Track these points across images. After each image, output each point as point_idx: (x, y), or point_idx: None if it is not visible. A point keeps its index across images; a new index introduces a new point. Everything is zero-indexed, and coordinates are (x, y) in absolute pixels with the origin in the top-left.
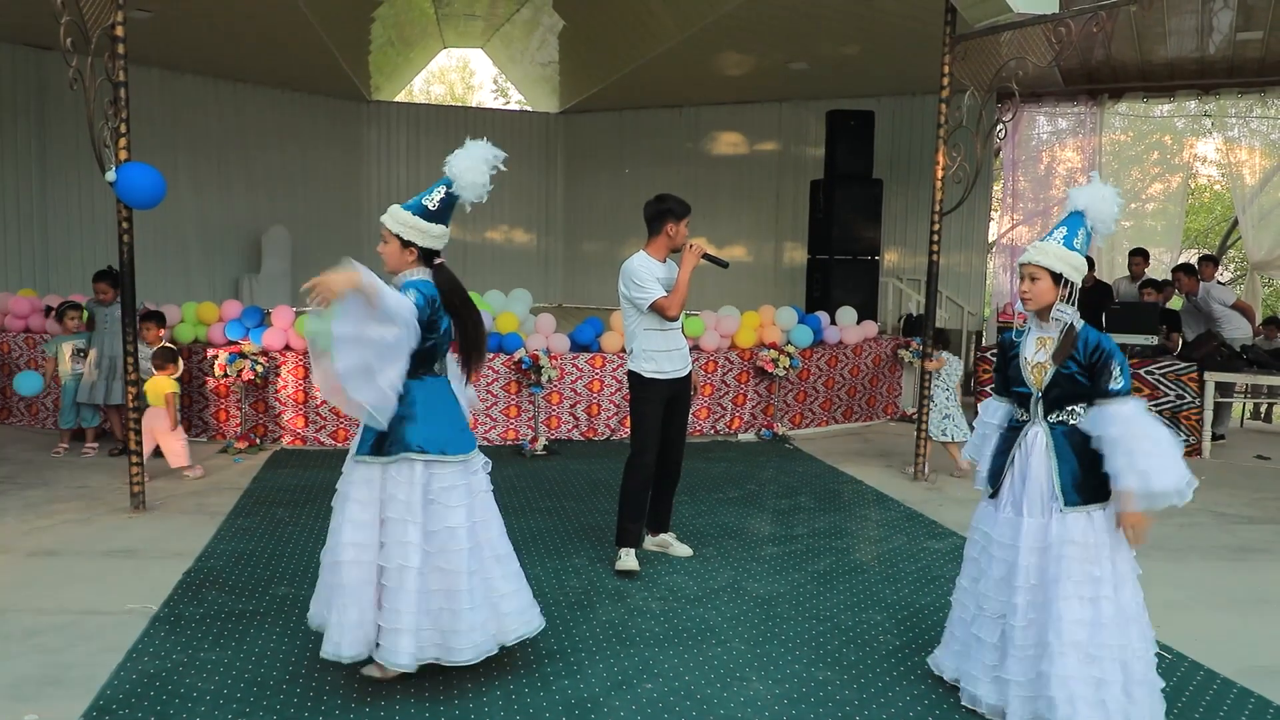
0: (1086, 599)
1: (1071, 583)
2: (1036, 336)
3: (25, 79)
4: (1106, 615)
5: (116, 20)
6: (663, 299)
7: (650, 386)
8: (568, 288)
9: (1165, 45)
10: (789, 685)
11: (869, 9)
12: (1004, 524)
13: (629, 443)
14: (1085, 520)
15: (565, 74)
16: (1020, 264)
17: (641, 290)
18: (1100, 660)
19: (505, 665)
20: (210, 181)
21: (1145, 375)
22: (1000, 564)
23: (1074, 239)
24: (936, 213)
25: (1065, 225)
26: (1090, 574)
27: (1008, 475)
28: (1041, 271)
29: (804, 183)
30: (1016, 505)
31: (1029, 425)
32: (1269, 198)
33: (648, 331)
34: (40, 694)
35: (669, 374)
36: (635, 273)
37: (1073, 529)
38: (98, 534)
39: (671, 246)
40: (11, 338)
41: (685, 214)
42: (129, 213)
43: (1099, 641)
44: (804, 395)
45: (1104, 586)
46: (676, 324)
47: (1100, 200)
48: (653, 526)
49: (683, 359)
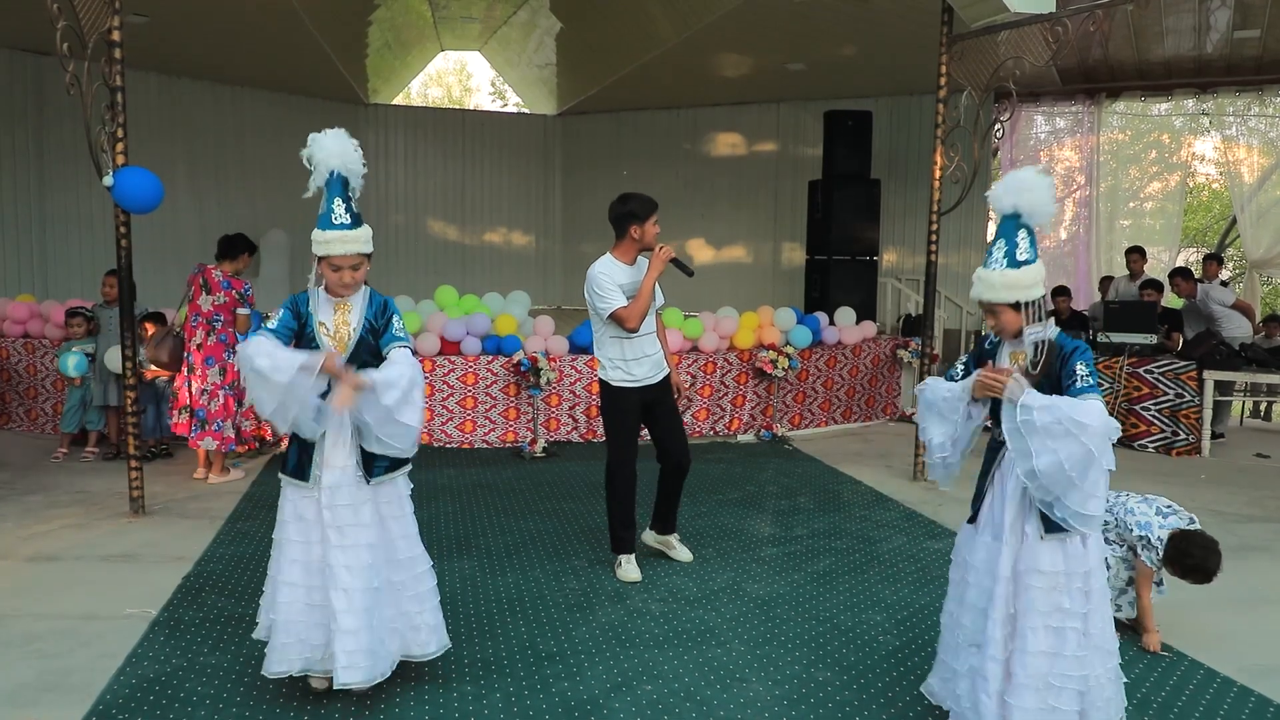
0: (1052, 629)
1: (1037, 613)
2: (1010, 351)
3: (23, 84)
4: (1070, 646)
5: (113, 25)
6: (621, 309)
7: (620, 395)
8: (566, 290)
9: (1162, 44)
10: (789, 686)
11: (866, 9)
12: (981, 549)
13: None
14: (1059, 549)
15: (563, 76)
16: (977, 301)
17: (602, 299)
18: (1059, 691)
19: (505, 667)
20: (208, 186)
21: (1144, 374)
22: (976, 591)
23: (1016, 250)
24: (935, 212)
25: (1002, 238)
26: (1058, 604)
27: (988, 498)
28: (999, 306)
29: (802, 183)
30: (994, 530)
31: (1004, 448)
32: (1267, 196)
33: (613, 340)
34: (39, 699)
35: (640, 381)
36: (596, 279)
37: (1041, 558)
38: (97, 539)
39: (640, 248)
40: (10, 343)
41: (649, 214)
42: (127, 217)
43: (1059, 672)
44: (803, 396)
45: (1071, 618)
46: (648, 330)
47: (1025, 191)
48: (658, 525)
49: (654, 365)
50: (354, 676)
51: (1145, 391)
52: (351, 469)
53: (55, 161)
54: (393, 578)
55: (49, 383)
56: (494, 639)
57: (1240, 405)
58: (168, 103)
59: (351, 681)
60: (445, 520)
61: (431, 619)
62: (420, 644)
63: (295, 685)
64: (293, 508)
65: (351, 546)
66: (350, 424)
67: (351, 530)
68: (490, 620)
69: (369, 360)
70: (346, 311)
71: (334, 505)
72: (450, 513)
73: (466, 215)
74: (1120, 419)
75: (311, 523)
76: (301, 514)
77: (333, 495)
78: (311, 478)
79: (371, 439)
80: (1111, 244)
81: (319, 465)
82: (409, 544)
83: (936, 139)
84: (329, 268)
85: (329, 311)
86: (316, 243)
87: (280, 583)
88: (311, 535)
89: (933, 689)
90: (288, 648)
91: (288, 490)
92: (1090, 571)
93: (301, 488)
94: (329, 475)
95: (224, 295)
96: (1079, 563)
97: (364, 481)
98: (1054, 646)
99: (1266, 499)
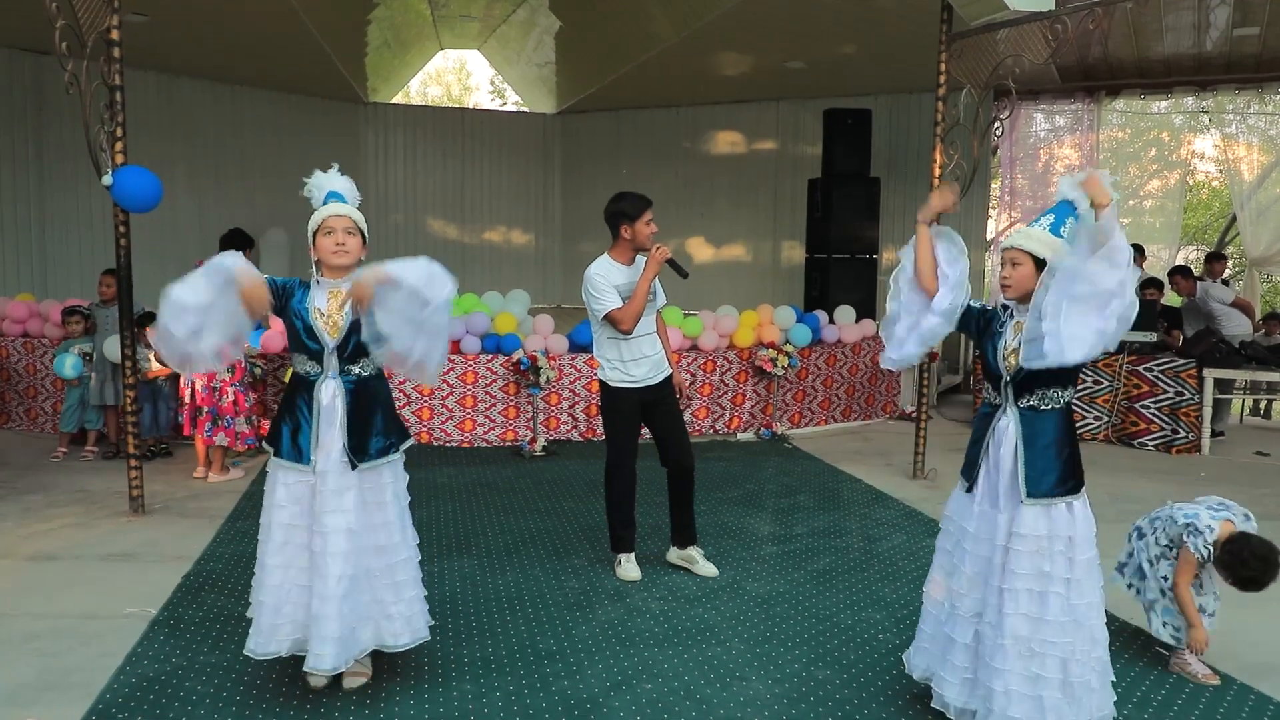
0: (1035, 593)
1: (1019, 576)
2: (1015, 322)
3: (22, 83)
4: (1052, 611)
5: (112, 24)
6: (616, 311)
7: (618, 396)
8: (566, 288)
9: (1162, 42)
10: (788, 685)
11: (865, 7)
12: (979, 517)
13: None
14: (1043, 514)
15: (562, 74)
16: (1003, 249)
17: (597, 300)
18: (1042, 657)
19: (505, 666)
20: (207, 185)
21: (1144, 372)
22: (974, 559)
23: (1061, 226)
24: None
25: (1053, 213)
26: (1039, 568)
27: (982, 465)
28: (1024, 256)
29: (801, 181)
30: (992, 498)
31: (999, 413)
32: (1267, 194)
33: (610, 340)
34: (39, 699)
35: (638, 382)
36: (591, 280)
37: (1025, 521)
38: (96, 538)
39: (635, 248)
40: (9, 342)
41: (640, 212)
42: (126, 216)
43: (1041, 638)
44: (802, 394)
45: (1054, 583)
46: (646, 330)
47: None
48: (676, 540)
49: (653, 366)
50: (320, 664)
51: (1145, 390)
52: (339, 453)
53: (54, 161)
54: (370, 565)
55: (48, 382)
56: (494, 638)
57: (1240, 403)
58: (167, 102)
59: (317, 669)
60: (445, 519)
61: (407, 610)
62: (393, 634)
63: (295, 684)
64: (285, 490)
65: (332, 532)
66: (343, 407)
67: (332, 516)
68: (490, 619)
69: (361, 349)
70: (339, 296)
71: (322, 490)
72: (450, 512)
73: (466, 214)
74: (1120, 417)
75: (305, 505)
76: (297, 496)
77: (322, 479)
78: (310, 460)
79: (405, 347)
80: None
81: (314, 448)
82: (388, 532)
83: (936, 137)
84: (323, 235)
85: (323, 298)
86: (312, 221)
87: (270, 565)
88: (302, 519)
89: (912, 660)
90: (277, 628)
91: (279, 473)
92: (1075, 539)
93: (296, 470)
94: (321, 459)
95: None
96: (1063, 527)
97: (349, 467)
98: (1036, 611)
99: (1266, 497)
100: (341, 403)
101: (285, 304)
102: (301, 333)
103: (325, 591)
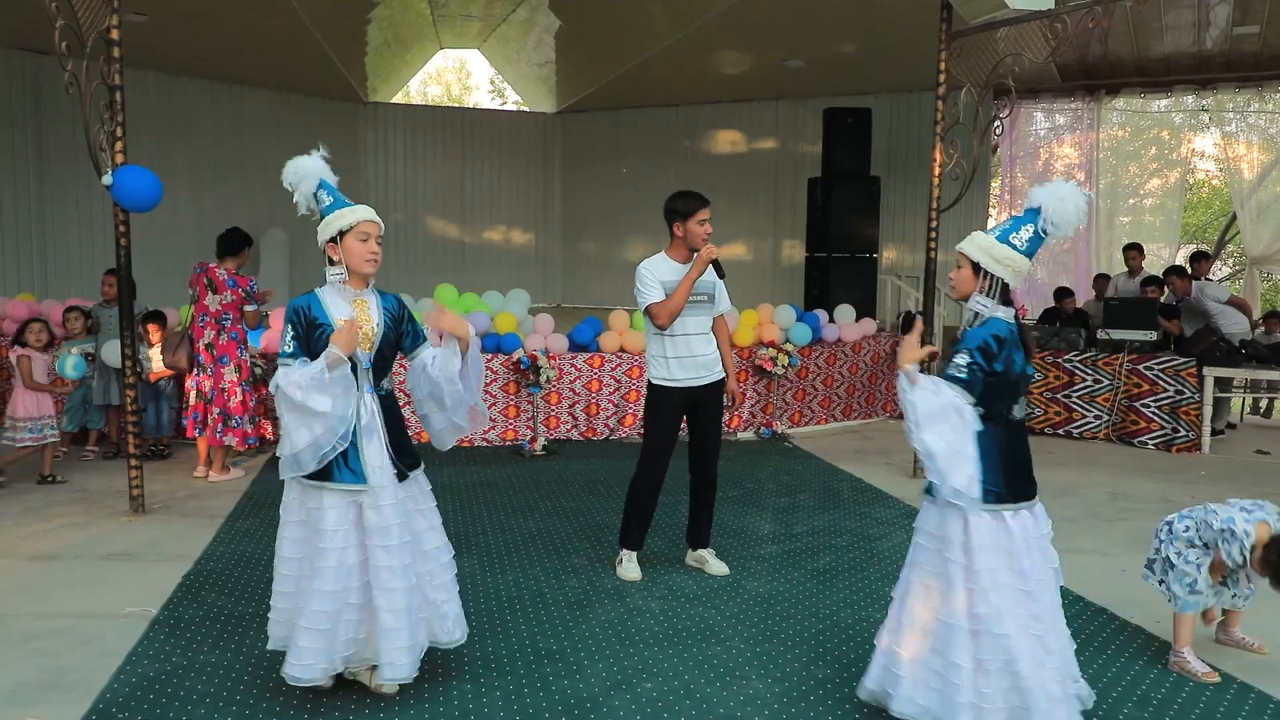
0: (932, 589)
1: (919, 568)
2: None
3: (21, 83)
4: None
5: (111, 24)
6: (655, 305)
7: (660, 395)
8: (566, 288)
9: (1162, 40)
10: (789, 684)
11: (865, 6)
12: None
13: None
14: (933, 511)
15: (562, 74)
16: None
17: (640, 293)
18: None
19: (505, 665)
20: (207, 184)
21: (1144, 371)
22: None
23: (1012, 234)
24: (934, 210)
25: (1013, 220)
26: (938, 568)
27: None
28: (964, 259)
29: (801, 180)
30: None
31: None
32: (1267, 192)
33: (655, 336)
34: (40, 698)
35: (682, 382)
36: (639, 273)
37: (928, 519)
38: (97, 538)
39: (689, 246)
40: (10, 342)
41: (693, 211)
42: (126, 216)
43: (941, 620)
44: (803, 393)
45: (952, 588)
46: (698, 330)
47: (1057, 200)
48: (691, 541)
49: (700, 366)
50: (398, 674)
51: (1145, 388)
52: (388, 466)
53: (54, 161)
54: (420, 569)
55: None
56: (494, 637)
57: (1240, 402)
58: (167, 101)
59: (396, 678)
60: (445, 518)
61: (456, 607)
62: (446, 631)
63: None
64: (337, 515)
65: (397, 547)
66: (381, 425)
67: (396, 530)
68: (490, 618)
69: (390, 357)
70: (365, 307)
71: (378, 506)
72: (450, 511)
73: (466, 213)
74: (1120, 415)
75: (353, 527)
76: (350, 519)
77: (377, 496)
78: (367, 479)
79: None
80: (1111, 240)
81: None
82: (434, 535)
83: (936, 136)
84: (357, 239)
85: (346, 309)
86: (339, 217)
87: (323, 593)
88: (352, 539)
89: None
90: (332, 653)
91: (326, 496)
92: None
93: (348, 492)
94: (374, 475)
95: (231, 294)
96: (955, 532)
97: (398, 479)
98: (933, 604)
99: (1267, 496)
100: (379, 417)
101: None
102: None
103: (395, 604)
